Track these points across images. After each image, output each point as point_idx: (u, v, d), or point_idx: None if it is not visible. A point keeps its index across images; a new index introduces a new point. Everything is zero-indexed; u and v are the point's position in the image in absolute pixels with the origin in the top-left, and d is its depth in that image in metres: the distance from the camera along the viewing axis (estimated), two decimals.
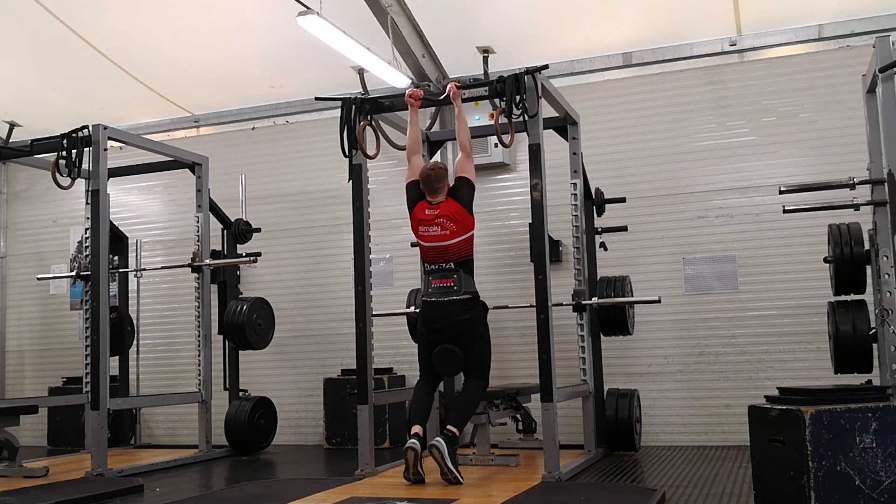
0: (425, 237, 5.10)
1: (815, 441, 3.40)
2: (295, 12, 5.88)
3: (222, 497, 4.84)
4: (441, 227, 5.04)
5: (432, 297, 5.05)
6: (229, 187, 7.64)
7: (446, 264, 5.03)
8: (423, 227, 5.10)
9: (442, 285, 5.03)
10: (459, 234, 5.04)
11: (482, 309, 5.17)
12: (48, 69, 7.69)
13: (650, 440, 6.67)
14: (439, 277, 5.05)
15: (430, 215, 5.08)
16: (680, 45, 7.00)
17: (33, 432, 8.20)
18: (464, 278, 5.02)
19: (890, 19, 6.40)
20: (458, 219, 5.03)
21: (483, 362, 5.15)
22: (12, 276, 9.22)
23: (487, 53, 7.10)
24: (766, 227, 6.63)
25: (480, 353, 5.12)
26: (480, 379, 5.15)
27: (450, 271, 5.03)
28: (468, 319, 5.01)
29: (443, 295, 5.02)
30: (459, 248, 5.05)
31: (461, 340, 5.02)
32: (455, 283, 5.01)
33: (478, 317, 5.10)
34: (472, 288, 5.08)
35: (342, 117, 5.41)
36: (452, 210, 5.05)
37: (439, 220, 5.05)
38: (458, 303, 5.00)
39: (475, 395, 5.16)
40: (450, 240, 5.04)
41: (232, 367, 7.32)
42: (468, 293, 5.02)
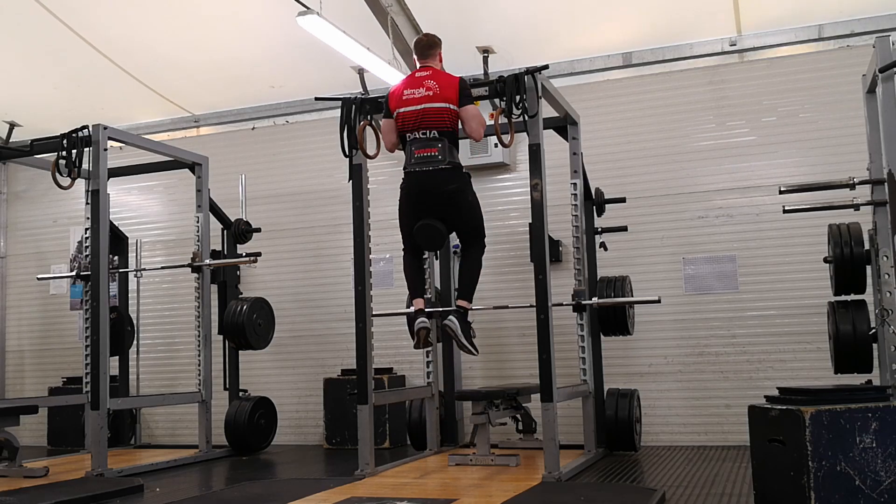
0: (408, 101, 4.98)
1: (815, 441, 3.40)
2: (295, 12, 5.88)
3: (222, 497, 4.84)
4: (426, 87, 4.94)
5: (416, 167, 4.96)
6: (229, 187, 7.65)
7: (430, 132, 4.94)
8: (408, 91, 5.00)
9: (425, 155, 4.93)
10: (444, 100, 4.93)
11: (466, 177, 5.15)
12: (48, 69, 7.70)
13: (650, 440, 6.67)
14: (422, 146, 4.95)
15: (418, 77, 5.02)
16: (680, 45, 7.00)
17: (33, 432, 8.20)
18: (448, 147, 4.94)
19: (890, 19, 6.40)
20: (447, 86, 4.94)
21: (477, 228, 5.18)
22: (12, 276, 9.23)
23: (487, 53, 7.10)
24: (766, 227, 6.63)
25: (473, 219, 5.15)
26: (477, 246, 5.21)
27: (433, 140, 4.94)
28: (454, 188, 4.96)
29: (426, 164, 4.93)
30: (443, 115, 4.94)
31: (449, 211, 5.01)
32: (439, 153, 4.92)
33: (463, 184, 5.06)
34: (457, 159, 5.01)
35: (342, 117, 5.41)
36: (446, 78, 4.99)
37: (427, 83, 4.95)
38: (442, 172, 4.92)
39: (477, 263, 5.20)
40: (433, 102, 4.93)
41: (232, 367, 7.32)
42: (452, 163, 4.96)
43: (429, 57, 5.17)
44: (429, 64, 5.18)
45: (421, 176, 4.97)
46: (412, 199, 5.06)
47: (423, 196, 4.99)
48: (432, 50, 5.16)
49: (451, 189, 4.96)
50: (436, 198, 4.97)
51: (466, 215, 5.11)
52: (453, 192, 4.97)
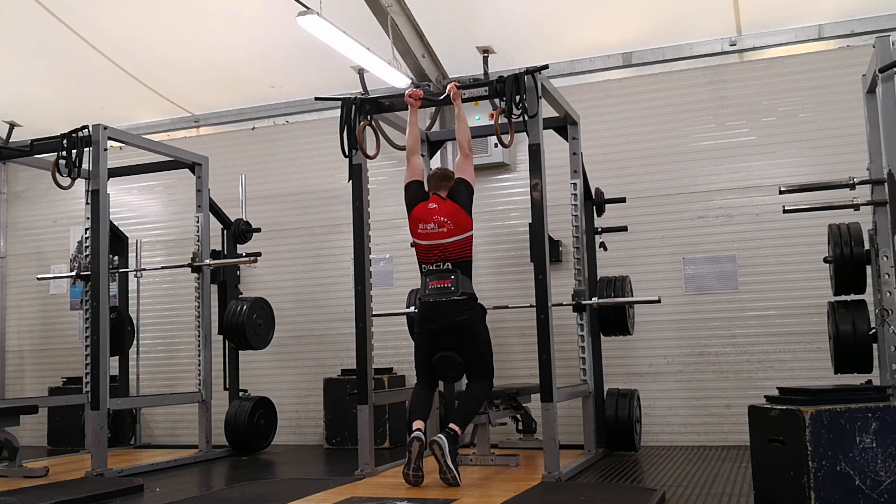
0: (423, 235, 5.08)
1: (815, 441, 3.40)
2: (295, 12, 5.88)
3: (222, 497, 4.84)
4: (439, 224, 5.03)
5: (430, 297, 5.02)
6: (229, 187, 7.65)
7: (444, 265, 5.01)
8: (423, 226, 5.09)
9: (439, 286, 5.00)
10: (457, 234, 5.02)
11: (480, 310, 5.15)
12: (48, 69, 7.69)
13: (650, 440, 6.67)
14: (437, 278, 5.03)
15: (430, 210, 5.06)
16: (680, 45, 7.00)
17: (33, 432, 8.20)
18: (461, 279, 5.00)
19: (890, 19, 6.40)
20: (456, 218, 5.03)
21: (485, 361, 5.13)
22: (12, 276, 9.22)
23: (487, 53, 7.11)
24: (766, 227, 6.63)
25: (481, 352, 5.10)
26: (484, 379, 5.13)
27: (447, 272, 5.00)
28: (466, 319, 4.99)
29: (440, 295, 4.99)
30: (457, 247, 5.03)
31: (460, 341, 5.00)
32: (452, 284, 4.98)
33: (476, 317, 5.08)
34: (470, 290, 5.05)
35: (342, 117, 5.41)
36: (451, 210, 5.05)
37: (437, 218, 5.04)
38: (455, 303, 4.97)
39: (479, 396, 5.14)
40: (447, 237, 5.01)
41: (232, 367, 7.32)
42: (465, 294, 5.01)
43: (440, 189, 5.16)
44: (439, 193, 5.14)
45: (435, 306, 5.00)
46: (427, 327, 5.08)
47: (437, 325, 5.00)
48: (445, 182, 5.17)
49: (462, 319, 4.98)
50: (449, 327, 4.98)
51: (473, 348, 5.07)
52: (465, 322, 4.99)
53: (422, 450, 4.73)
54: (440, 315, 4.99)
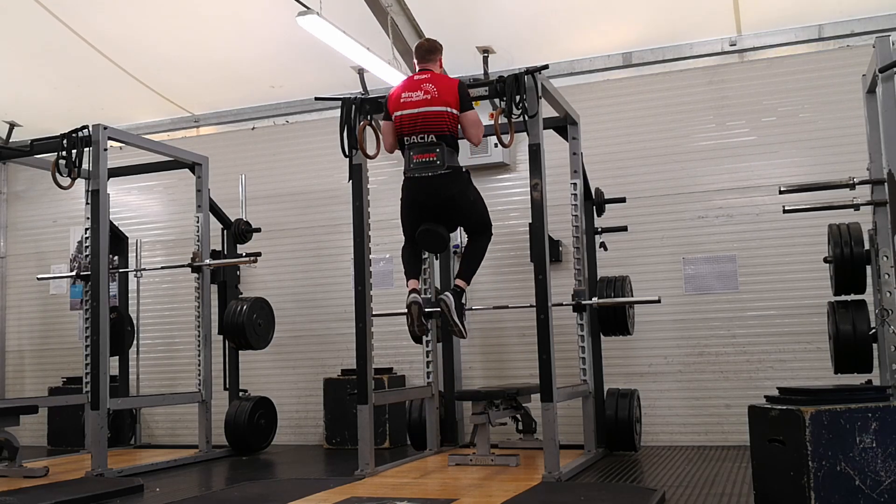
0: (405, 104, 4.96)
1: (815, 441, 3.40)
2: (295, 12, 5.88)
3: (222, 497, 4.84)
4: (424, 91, 4.92)
5: (415, 172, 4.94)
6: (229, 187, 7.65)
7: (427, 136, 4.92)
8: (406, 94, 4.97)
9: (424, 160, 4.91)
10: (442, 104, 4.90)
11: (466, 177, 5.14)
12: (48, 69, 7.70)
13: (650, 440, 6.67)
14: (420, 151, 4.93)
15: (417, 80, 4.99)
16: (680, 45, 7.00)
17: (33, 432, 8.20)
18: (447, 152, 4.93)
19: (890, 19, 6.40)
20: (446, 90, 4.91)
21: (482, 220, 5.23)
22: (12, 276, 9.23)
23: (487, 53, 7.10)
24: (766, 227, 6.63)
25: (476, 216, 5.20)
26: (484, 234, 5.26)
27: (432, 144, 4.92)
28: (456, 193, 4.97)
29: (426, 170, 4.91)
30: (442, 119, 4.92)
31: (454, 213, 5.04)
32: (438, 158, 4.90)
33: (464, 186, 5.07)
34: (456, 163, 4.99)
35: (342, 117, 5.41)
36: (446, 82, 4.95)
37: (425, 86, 4.92)
38: (442, 177, 4.91)
39: (482, 250, 5.25)
40: (432, 105, 4.90)
41: (232, 367, 7.32)
42: (451, 167, 4.94)
43: (429, 61, 5.17)
44: (428, 67, 5.18)
45: (421, 181, 4.97)
46: (413, 203, 5.08)
47: (424, 201, 5.00)
48: (433, 55, 5.16)
49: (451, 193, 4.97)
50: (437, 203, 4.98)
51: (470, 214, 5.15)
52: (454, 196, 4.98)
53: (421, 310, 4.97)
54: (429, 190, 4.96)
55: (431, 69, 5.20)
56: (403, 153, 5.13)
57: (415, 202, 5.06)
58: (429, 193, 4.97)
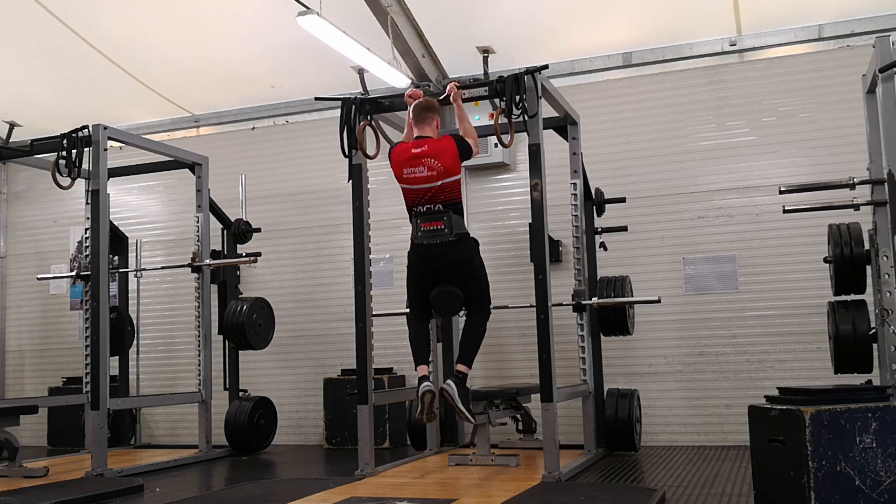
0: (410, 179, 4.98)
1: (815, 441, 3.40)
2: (295, 12, 5.88)
3: (222, 497, 4.84)
4: (427, 167, 4.92)
5: (422, 240, 4.96)
6: (229, 187, 7.65)
7: (434, 206, 4.93)
8: (409, 170, 4.98)
9: (431, 228, 4.92)
10: (445, 177, 4.92)
11: (474, 245, 5.12)
12: (48, 69, 7.69)
13: (650, 440, 6.67)
14: (428, 220, 4.93)
15: (415, 154, 4.96)
16: (680, 45, 7.00)
17: (33, 432, 8.20)
18: (454, 219, 4.93)
19: (890, 19, 6.40)
20: (445, 155, 4.91)
21: (483, 295, 5.16)
22: (12, 276, 9.22)
23: (487, 53, 7.10)
24: (766, 227, 6.63)
25: (479, 287, 5.13)
26: (482, 310, 5.17)
27: (439, 213, 4.92)
28: (463, 259, 4.96)
29: (434, 237, 4.92)
30: (447, 189, 4.94)
31: (458, 280, 4.99)
32: (445, 226, 4.91)
33: (472, 253, 5.05)
34: (463, 229, 4.99)
35: (342, 117, 5.41)
36: (442, 146, 4.94)
37: (426, 161, 4.92)
38: (450, 244, 4.91)
39: (481, 329, 5.15)
40: (436, 181, 4.91)
41: (232, 367, 7.32)
42: (459, 234, 4.94)
43: (425, 122, 5.07)
44: (425, 134, 5.07)
45: (429, 249, 4.97)
46: (420, 270, 5.06)
47: (432, 267, 4.99)
48: (429, 113, 5.07)
49: (458, 260, 4.96)
50: (444, 269, 4.97)
51: (472, 283, 5.08)
52: (461, 262, 4.98)
53: (433, 399, 4.79)
54: (436, 257, 4.95)
55: (428, 135, 5.08)
56: (410, 219, 5.10)
57: (422, 269, 5.05)
58: (435, 258, 4.96)
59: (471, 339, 5.10)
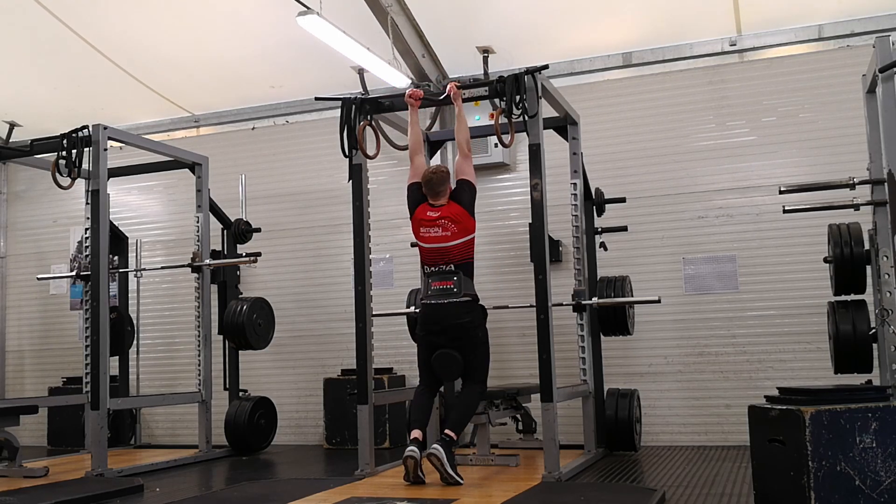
0: (426, 238, 5.09)
1: (815, 441, 3.40)
2: (295, 12, 5.88)
3: (222, 497, 4.84)
4: (442, 228, 5.03)
5: (432, 299, 5.03)
6: (229, 187, 7.65)
7: (446, 266, 5.01)
8: (425, 229, 5.08)
9: (442, 287, 5.01)
10: (460, 237, 5.02)
11: (481, 312, 5.15)
12: (48, 69, 7.69)
13: (650, 440, 6.67)
14: (439, 279, 5.04)
15: (431, 217, 5.06)
16: (680, 45, 7.00)
17: (33, 432, 8.20)
18: (464, 281, 5.00)
19: (890, 19, 6.40)
20: (459, 221, 5.02)
21: (482, 366, 5.15)
22: (12, 276, 9.22)
23: (487, 53, 7.10)
24: (766, 227, 6.63)
25: (479, 357, 5.11)
26: (478, 383, 5.14)
27: (450, 273, 5.00)
28: (468, 322, 4.99)
29: (442, 297, 5.00)
30: (460, 250, 5.03)
31: (460, 344, 5.00)
32: (455, 286, 4.98)
33: (477, 320, 5.08)
34: (472, 291, 5.06)
35: (342, 117, 5.41)
36: (454, 212, 5.04)
37: (441, 222, 5.04)
38: (457, 305, 4.98)
39: (473, 400, 5.15)
40: (451, 241, 5.01)
41: (232, 367, 7.32)
42: (468, 296, 5.00)
43: (439, 195, 5.11)
44: (440, 202, 5.10)
45: (437, 307, 5.00)
46: (428, 328, 5.08)
47: (439, 325, 5.00)
48: (443, 186, 5.11)
49: (464, 322, 4.98)
50: (450, 328, 4.98)
51: (474, 351, 5.07)
52: (466, 325, 4.99)
53: (417, 464, 4.78)
54: (442, 317, 4.99)
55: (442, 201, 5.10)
56: (421, 277, 5.19)
57: (429, 330, 5.07)
58: (442, 320, 4.98)
59: (462, 407, 5.11)
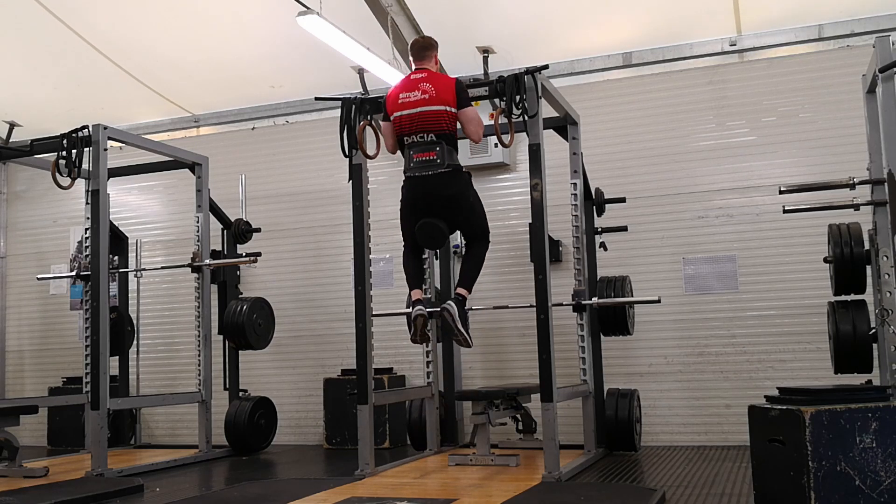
0: (404, 105, 4.96)
1: (815, 441, 3.40)
2: (295, 12, 5.88)
3: (222, 497, 4.84)
4: (422, 91, 4.92)
5: (414, 171, 4.95)
6: (229, 187, 7.65)
7: (427, 135, 4.93)
8: (404, 94, 4.97)
9: (424, 159, 4.92)
10: (440, 103, 4.90)
11: (467, 178, 5.14)
12: (48, 69, 7.69)
13: (650, 440, 6.67)
14: (421, 150, 4.94)
15: (413, 79, 4.98)
16: (680, 45, 7.00)
17: (33, 432, 8.20)
18: (447, 150, 4.93)
19: (890, 19, 6.40)
20: (443, 87, 4.91)
21: (480, 224, 5.23)
22: (12, 276, 9.22)
23: (487, 53, 7.10)
24: (766, 227, 6.63)
25: (475, 217, 5.19)
26: (482, 239, 5.26)
27: (431, 143, 4.92)
28: (455, 192, 4.97)
29: (426, 168, 4.92)
30: (440, 118, 4.92)
31: (451, 213, 5.03)
32: (438, 156, 4.90)
33: (464, 186, 5.06)
34: (456, 161, 5.00)
35: (342, 117, 5.41)
36: (443, 80, 4.94)
37: (422, 85, 4.92)
38: (442, 176, 4.91)
39: (480, 258, 5.25)
40: (430, 105, 4.90)
41: (232, 367, 7.32)
42: (451, 166, 4.94)
43: (424, 59, 5.16)
44: (424, 66, 5.17)
45: (421, 180, 4.98)
46: (413, 202, 5.08)
47: (424, 199, 5.01)
48: (428, 52, 5.16)
49: (451, 193, 4.97)
50: (437, 201, 4.99)
51: (468, 216, 5.15)
52: (454, 196, 4.99)
53: (426, 322, 4.93)
54: (429, 189, 4.96)
55: (427, 67, 5.19)
56: (403, 153, 5.15)
57: (414, 201, 5.08)
58: (427, 192, 4.99)
59: (471, 266, 5.20)
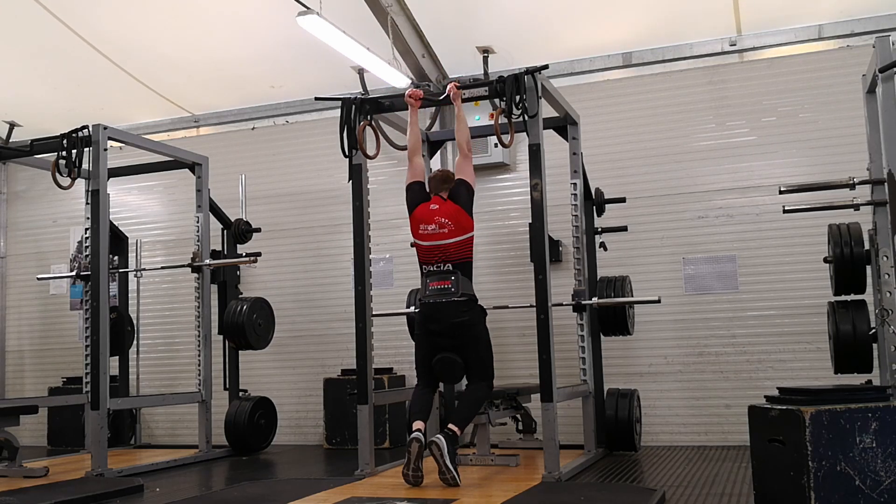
0: (423, 236, 5.08)
1: (815, 441, 3.40)
2: (295, 12, 5.88)
3: (222, 497, 4.84)
4: (440, 225, 5.03)
5: (430, 298, 5.02)
6: (229, 187, 7.65)
7: (444, 265, 5.01)
8: (423, 226, 5.09)
9: (439, 287, 5.00)
10: (458, 234, 5.02)
11: (480, 311, 5.15)
12: (48, 69, 7.69)
13: (650, 440, 6.67)
14: (437, 279, 5.03)
15: (431, 212, 5.06)
16: (680, 45, 7.00)
17: (33, 432, 8.20)
18: (462, 280, 5.00)
19: (890, 19, 6.40)
20: (457, 218, 5.03)
21: (484, 363, 5.12)
22: (12, 276, 9.22)
23: (487, 53, 7.11)
24: (766, 227, 6.63)
25: (481, 353, 5.10)
26: (483, 380, 5.12)
27: (447, 273, 5.00)
28: (466, 321, 4.98)
29: (441, 296, 4.99)
30: (458, 248, 5.02)
31: (460, 343, 5.00)
32: (452, 285, 4.98)
33: (476, 318, 5.08)
34: (470, 291, 5.05)
35: (342, 117, 5.41)
36: (451, 210, 5.05)
37: (438, 219, 5.04)
38: (455, 304, 4.97)
39: (479, 397, 5.13)
40: (448, 238, 5.01)
41: (232, 367, 7.32)
42: (466, 295, 5.00)
43: (442, 190, 5.16)
44: (440, 195, 5.15)
45: (435, 307, 4.99)
46: (426, 332, 5.08)
47: (436, 327, 5.00)
48: (446, 184, 5.16)
49: (462, 321, 4.97)
50: (449, 329, 4.97)
51: (476, 346, 5.07)
52: (465, 323, 4.98)
53: (421, 450, 4.72)
54: (440, 316, 4.98)
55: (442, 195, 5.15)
56: (421, 279, 5.14)
57: (428, 330, 5.06)
58: (440, 319, 4.98)
59: (468, 406, 5.11)
